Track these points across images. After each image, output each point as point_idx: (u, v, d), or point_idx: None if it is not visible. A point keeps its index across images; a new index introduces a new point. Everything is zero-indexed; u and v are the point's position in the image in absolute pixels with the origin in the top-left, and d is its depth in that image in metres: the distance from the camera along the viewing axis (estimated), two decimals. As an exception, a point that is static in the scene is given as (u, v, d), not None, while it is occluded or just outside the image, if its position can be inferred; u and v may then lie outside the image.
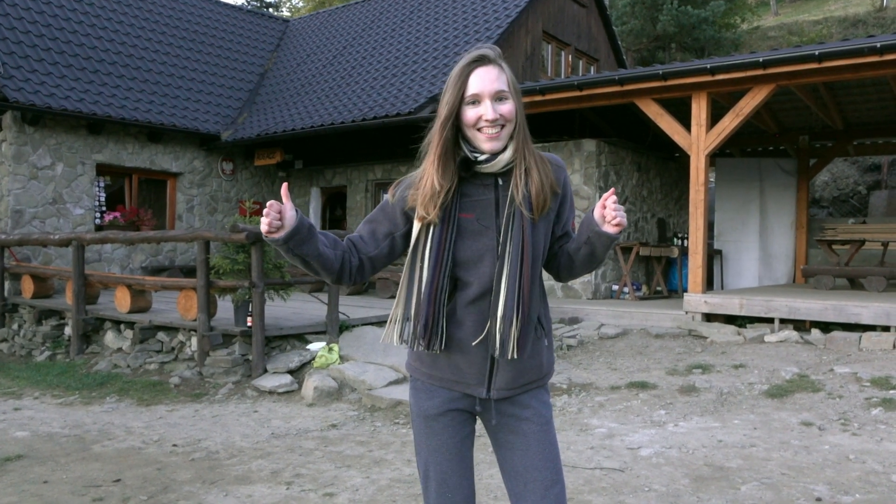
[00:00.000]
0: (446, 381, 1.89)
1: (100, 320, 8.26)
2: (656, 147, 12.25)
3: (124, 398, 6.46)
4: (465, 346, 1.84)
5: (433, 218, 1.77)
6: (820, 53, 7.13)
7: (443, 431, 1.91)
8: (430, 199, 1.77)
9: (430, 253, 1.79)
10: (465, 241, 1.81)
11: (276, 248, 1.75)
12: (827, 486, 3.77)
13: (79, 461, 4.53)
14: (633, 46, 24.61)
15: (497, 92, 1.75)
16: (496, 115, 1.74)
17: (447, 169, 1.77)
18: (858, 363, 6.36)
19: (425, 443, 1.93)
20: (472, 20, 12.84)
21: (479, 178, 1.82)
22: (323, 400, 6.18)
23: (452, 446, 1.92)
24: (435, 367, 1.89)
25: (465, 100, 1.75)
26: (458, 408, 1.91)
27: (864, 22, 26.98)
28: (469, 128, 1.77)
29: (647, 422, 5.19)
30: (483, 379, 1.86)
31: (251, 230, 6.50)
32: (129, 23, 13.26)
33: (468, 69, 1.76)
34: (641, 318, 8.58)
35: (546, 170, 1.84)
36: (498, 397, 1.88)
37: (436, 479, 1.92)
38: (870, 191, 16.67)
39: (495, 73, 1.76)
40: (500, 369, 1.85)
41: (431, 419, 1.91)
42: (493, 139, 1.76)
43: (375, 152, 12.48)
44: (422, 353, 1.91)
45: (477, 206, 1.81)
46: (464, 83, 1.75)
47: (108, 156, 11.42)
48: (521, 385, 1.89)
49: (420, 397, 1.93)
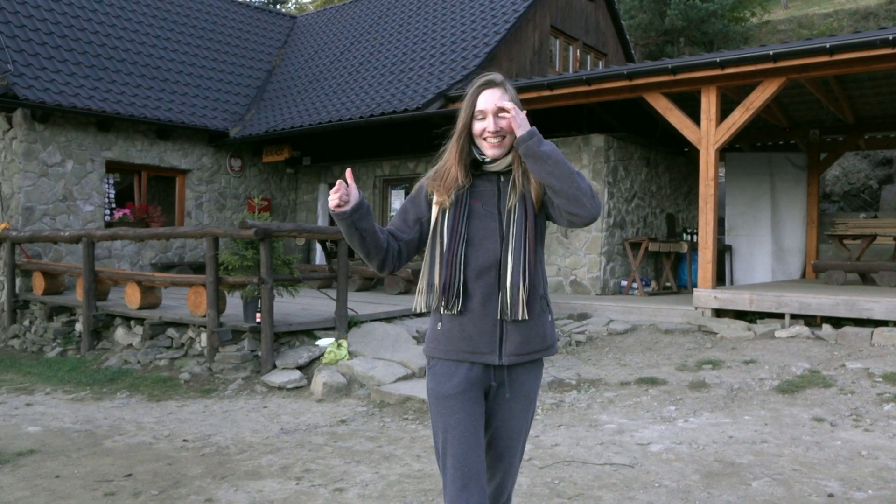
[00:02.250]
0: (462, 353, 2.17)
1: (110, 316, 8.30)
2: (665, 142, 12.19)
3: (135, 394, 6.49)
4: (475, 316, 2.16)
5: (449, 201, 2.18)
6: (831, 46, 7.07)
7: (461, 410, 2.15)
8: (450, 189, 2.20)
9: (447, 228, 2.18)
10: (474, 221, 2.20)
11: (339, 222, 2.09)
12: (839, 483, 3.74)
13: (90, 456, 4.56)
14: (642, 41, 24.48)
15: (499, 109, 2.16)
16: (497, 128, 2.16)
17: (465, 167, 2.22)
18: (870, 359, 6.31)
19: (444, 422, 2.17)
20: (479, 15, 12.80)
21: (485, 175, 2.25)
22: (332, 396, 6.19)
23: (469, 424, 2.16)
24: (450, 342, 2.19)
25: (475, 116, 2.19)
26: (474, 386, 2.18)
27: (876, 14, 26.70)
28: (477, 137, 2.21)
29: (656, 418, 5.17)
30: (494, 346, 2.16)
31: (260, 226, 6.51)
32: (138, 20, 13.28)
33: (478, 91, 2.20)
34: (650, 314, 8.55)
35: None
36: (508, 363, 2.17)
37: (453, 456, 2.14)
38: (881, 185, 16.54)
39: (499, 94, 2.18)
40: (509, 336, 2.17)
41: (451, 398, 2.16)
42: (494, 147, 2.19)
43: (383, 148, 12.47)
44: (438, 333, 2.21)
45: (483, 195, 2.23)
46: (473, 102, 2.20)
47: (117, 153, 11.46)
48: (528, 352, 2.20)
49: (439, 379, 2.20)
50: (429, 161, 11.99)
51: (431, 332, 2.25)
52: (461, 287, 2.15)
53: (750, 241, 12.50)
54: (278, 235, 6.88)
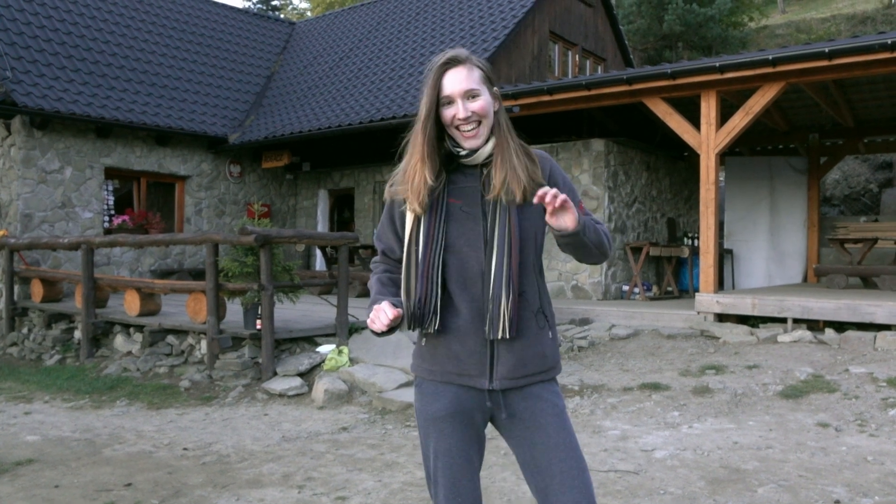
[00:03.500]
0: (448, 375, 1.90)
1: (109, 324, 8.26)
2: (665, 146, 12.18)
3: (134, 402, 6.45)
4: (462, 334, 1.88)
5: (422, 208, 1.86)
6: (830, 51, 7.06)
7: (452, 434, 1.91)
8: (420, 192, 1.86)
9: (423, 235, 1.87)
10: (454, 224, 1.88)
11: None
12: (845, 489, 3.71)
13: (90, 465, 4.52)
14: (640, 46, 24.51)
15: (467, 91, 1.84)
16: (468, 113, 1.83)
17: (434, 164, 1.86)
18: (874, 363, 6.28)
19: (433, 446, 1.93)
20: (478, 21, 12.81)
21: (464, 168, 1.92)
22: (333, 403, 6.15)
23: (461, 449, 1.91)
24: (436, 362, 1.92)
25: (441, 101, 1.85)
26: (465, 408, 1.91)
27: (873, 19, 26.78)
28: (449, 127, 1.87)
29: (660, 423, 5.14)
30: (484, 368, 1.88)
31: (260, 232, 6.48)
32: (136, 27, 13.29)
33: (440, 71, 1.85)
34: (652, 319, 8.51)
35: (528, 162, 1.90)
36: (501, 388, 1.88)
37: (444, 485, 1.92)
38: (881, 189, 16.54)
39: (465, 72, 1.84)
40: (501, 357, 1.87)
41: (440, 421, 1.91)
42: (471, 138, 1.86)
43: (383, 154, 12.45)
44: (423, 350, 1.95)
45: (463, 192, 1.90)
46: (437, 85, 1.85)
47: (116, 159, 11.44)
48: (525, 375, 1.89)
49: (426, 400, 1.94)
50: (428, 166, 11.97)
51: (417, 348, 1.97)
52: (437, 302, 1.85)
53: (749, 246, 12.49)
54: (278, 241, 6.86)
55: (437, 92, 1.84)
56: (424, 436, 1.95)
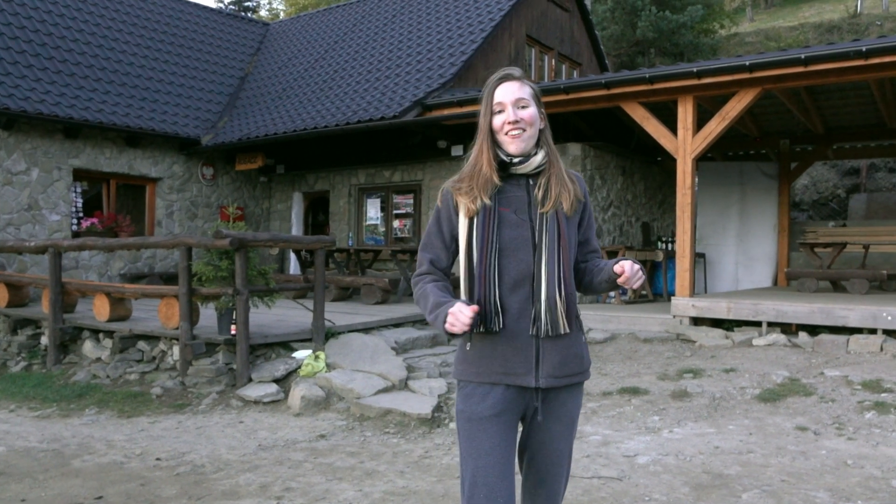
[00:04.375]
0: (495, 375, 1.99)
1: (77, 329, 8.04)
2: (640, 151, 12.27)
3: (104, 410, 6.27)
4: (509, 333, 1.99)
5: (478, 207, 2.00)
6: (806, 57, 7.15)
7: (496, 434, 1.99)
8: (487, 188, 2.01)
9: (478, 239, 2.00)
10: (505, 230, 2.01)
11: (447, 337, 2.02)
12: (828, 493, 3.72)
13: (58, 477, 4.36)
14: (614, 51, 24.70)
15: (518, 100, 2.02)
16: (517, 118, 2.01)
17: (493, 169, 2.04)
18: (848, 366, 6.36)
19: (476, 447, 1.99)
20: (455, 24, 12.78)
21: (513, 179, 2.06)
22: (310, 409, 6.04)
23: (504, 449, 2.00)
24: (482, 364, 2.01)
25: (494, 110, 2.04)
26: (510, 408, 2.02)
27: (839, 28, 27.36)
28: (499, 133, 2.03)
29: (641, 428, 5.13)
30: (531, 367, 1.99)
31: (235, 236, 6.35)
32: (107, 25, 13.02)
33: (495, 85, 2.06)
34: (629, 323, 8.54)
35: (571, 178, 2.12)
36: (546, 385, 2.00)
37: (485, 485, 1.97)
38: (849, 194, 16.86)
39: (517, 85, 2.04)
40: (546, 356, 1.99)
41: (485, 420, 1.99)
42: (516, 139, 2.01)
43: (359, 157, 12.36)
44: (468, 354, 2.04)
45: (513, 201, 2.04)
46: (492, 96, 2.05)
47: (85, 161, 11.18)
48: (566, 375, 2.02)
49: (472, 400, 2.02)
50: (405, 169, 11.92)
51: (460, 352, 2.07)
52: (497, 302, 1.98)
53: (719, 250, 12.65)
54: (254, 245, 6.73)
55: (491, 103, 2.04)
56: (467, 437, 2.02)
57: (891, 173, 16.92)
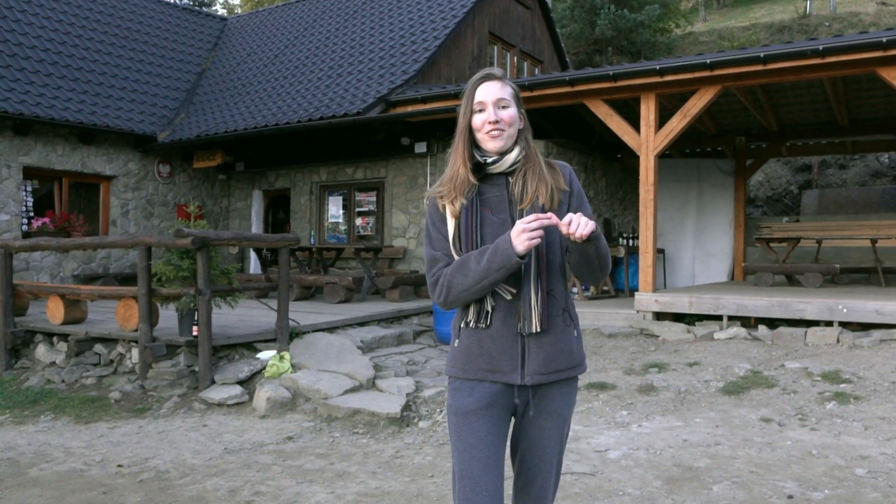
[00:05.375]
0: (481, 372, 2.01)
1: (30, 333, 7.76)
2: (601, 148, 12.39)
3: (60, 416, 6.05)
4: (494, 331, 1.99)
5: (460, 206, 2.01)
6: (765, 55, 7.30)
7: (482, 427, 2.00)
8: (464, 189, 2.02)
9: (463, 240, 2.01)
10: (487, 229, 2.02)
11: (502, 270, 1.89)
12: (796, 483, 3.79)
13: (14, 487, 4.19)
14: (573, 49, 24.92)
15: (499, 100, 2.03)
16: (497, 118, 2.01)
17: (470, 167, 2.05)
18: (807, 358, 6.51)
19: (463, 440, 2.02)
20: (418, 20, 12.71)
21: (491, 179, 2.07)
22: (276, 411, 5.93)
23: (490, 443, 2.00)
24: (468, 359, 2.02)
25: (474, 109, 2.04)
26: (497, 403, 2.02)
27: (790, 28, 28.10)
28: (478, 132, 2.04)
29: (610, 423, 5.16)
30: (516, 364, 1.99)
31: (197, 235, 6.19)
32: (58, 18, 12.59)
33: (477, 83, 2.06)
34: (593, 318, 8.61)
35: (551, 171, 2.09)
36: (532, 383, 1.99)
37: (471, 479, 1.99)
38: (801, 190, 17.33)
39: (499, 85, 2.05)
40: (531, 353, 1.99)
41: (471, 414, 2.01)
42: (495, 138, 2.02)
43: (321, 154, 12.20)
44: (456, 351, 2.05)
45: (492, 201, 2.04)
46: (473, 95, 2.05)
47: (36, 158, 10.79)
48: (554, 371, 2.01)
49: (459, 395, 2.04)
50: (367, 167, 11.81)
51: (451, 349, 2.09)
52: (488, 299, 1.99)
53: (677, 245, 12.87)
54: (217, 244, 6.58)
55: (471, 101, 2.04)
56: (455, 431, 2.04)
57: (841, 170, 17.45)
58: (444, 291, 1.99)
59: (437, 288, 2.01)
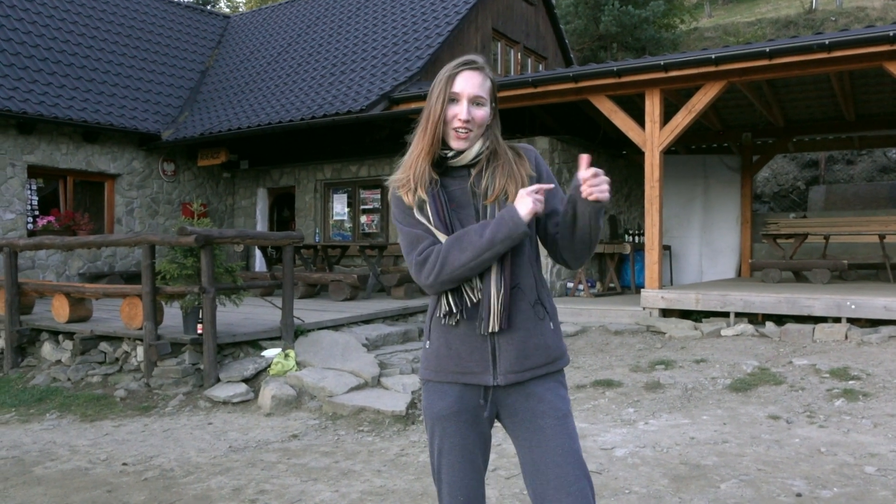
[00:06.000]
0: (452, 374, 1.92)
1: (36, 331, 7.77)
2: (605, 144, 12.33)
3: (66, 414, 6.05)
4: (462, 330, 1.90)
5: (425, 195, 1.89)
6: (771, 50, 7.24)
7: (455, 433, 1.93)
8: (424, 181, 1.91)
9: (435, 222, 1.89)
10: (456, 221, 1.91)
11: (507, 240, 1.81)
12: (804, 481, 3.76)
13: (19, 486, 4.18)
14: (577, 46, 24.84)
15: (475, 97, 1.90)
16: (469, 117, 1.88)
17: (432, 159, 1.93)
18: (815, 354, 6.47)
19: (437, 444, 1.96)
20: (421, 17, 12.67)
21: (453, 171, 1.96)
22: (281, 409, 5.92)
23: (464, 448, 1.94)
24: (439, 362, 1.94)
25: (449, 97, 1.90)
26: (469, 406, 1.93)
27: (795, 23, 27.94)
28: (447, 125, 1.91)
29: (616, 421, 5.13)
30: (487, 364, 1.89)
31: (201, 233, 6.18)
32: (61, 16, 12.60)
33: (456, 71, 1.90)
34: (599, 315, 8.58)
35: (518, 158, 1.97)
36: (505, 382, 1.89)
37: (448, 482, 1.96)
38: (808, 186, 17.24)
39: (479, 79, 1.91)
40: (502, 351, 1.88)
41: (443, 419, 1.94)
42: (460, 139, 1.91)
43: (324, 151, 12.18)
44: (427, 353, 1.98)
45: (455, 194, 1.93)
46: (451, 83, 1.89)
47: (40, 157, 10.81)
48: (528, 368, 1.89)
49: (432, 399, 1.96)
50: (371, 164, 11.79)
51: (423, 351, 2.01)
52: (452, 297, 1.89)
53: (683, 242, 12.81)
54: (220, 242, 6.57)
55: (447, 89, 1.89)
56: (430, 434, 1.99)
57: (848, 165, 17.35)
58: (435, 269, 1.83)
59: (427, 266, 1.85)
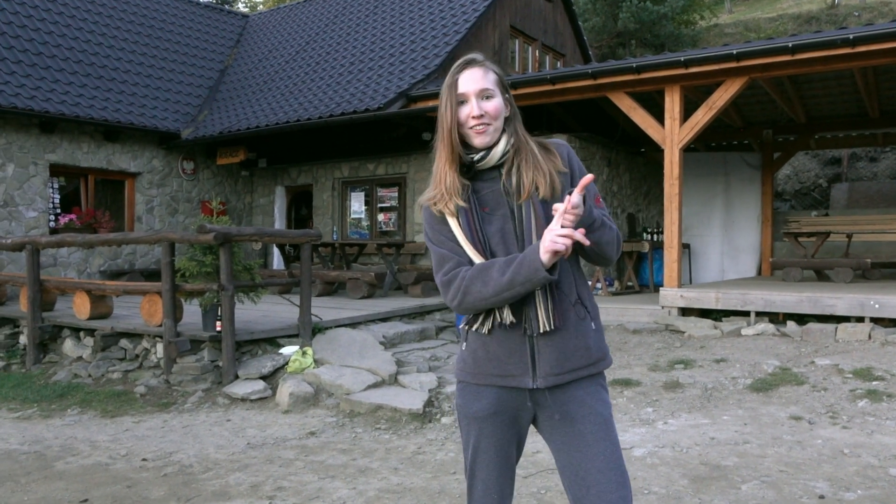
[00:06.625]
0: (490, 377, 1.89)
1: (57, 328, 7.86)
2: (624, 142, 12.25)
3: (87, 410, 6.12)
4: (501, 332, 1.86)
5: (458, 206, 1.88)
6: (793, 45, 7.13)
7: (492, 434, 1.92)
8: (457, 189, 1.89)
9: (466, 237, 1.88)
10: (487, 227, 1.89)
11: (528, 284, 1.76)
12: (827, 483, 3.70)
13: (41, 480, 4.23)
14: (595, 43, 24.68)
15: (482, 90, 1.87)
16: (481, 112, 1.86)
17: (457, 168, 1.91)
18: (837, 354, 6.37)
19: (473, 443, 1.95)
20: (438, 15, 12.65)
21: (483, 174, 1.93)
22: (299, 406, 5.94)
23: (500, 448, 1.93)
24: (477, 365, 1.91)
25: (457, 100, 1.88)
26: (507, 408, 1.91)
27: (818, 18, 27.55)
28: (463, 127, 1.89)
29: (635, 420, 5.09)
30: (526, 367, 1.85)
31: (219, 230, 6.21)
32: (82, 17, 12.73)
33: (457, 73, 1.90)
34: (617, 314, 8.52)
35: (547, 154, 1.93)
36: (546, 385, 1.85)
37: (482, 479, 1.95)
38: (830, 184, 17.00)
39: (480, 73, 1.89)
40: (542, 353, 1.84)
41: (480, 420, 1.92)
42: (480, 133, 1.87)
43: (342, 150, 12.21)
44: (464, 354, 1.95)
45: (488, 198, 1.91)
46: (455, 86, 1.88)
47: (62, 156, 10.93)
48: (569, 370, 1.86)
49: (468, 399, 1.94)
50: (389, 162, 11.80)
51: (459, 351, 1.99)
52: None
53: (703, 241, 12.68)
54: (239, 240, 6.60)
55: (454, 93, 1.87)
56: (465, 431, 1.97)
57: (872, 163, 17.09)
58: (459, 296, 1.84)
59: (452, 290, 1.85)
